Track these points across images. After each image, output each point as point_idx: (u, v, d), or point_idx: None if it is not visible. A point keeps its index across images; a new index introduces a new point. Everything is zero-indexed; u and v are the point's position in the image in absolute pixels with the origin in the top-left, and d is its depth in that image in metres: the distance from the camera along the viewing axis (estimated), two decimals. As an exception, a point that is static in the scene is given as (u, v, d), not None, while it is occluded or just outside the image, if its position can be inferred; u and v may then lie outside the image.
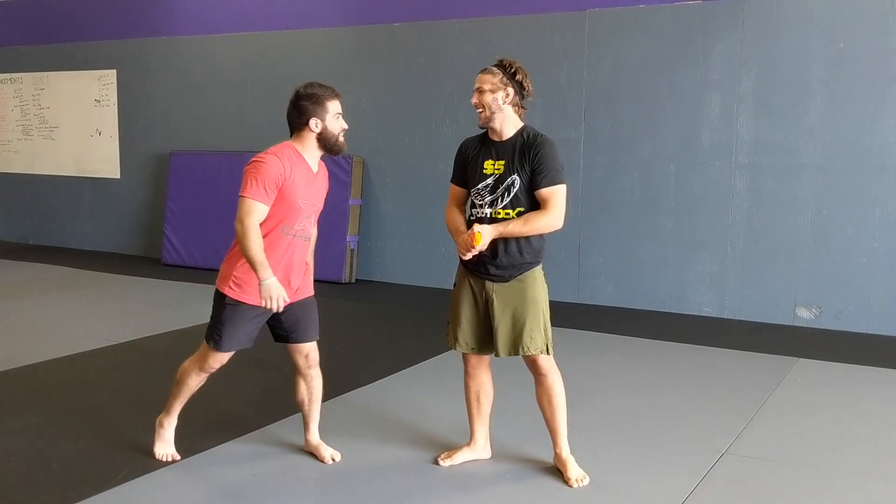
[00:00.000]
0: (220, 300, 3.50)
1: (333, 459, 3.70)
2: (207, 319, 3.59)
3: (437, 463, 3.66)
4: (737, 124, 6.44)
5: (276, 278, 3.36)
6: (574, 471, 3.50)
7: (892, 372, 5.14)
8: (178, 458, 3.67)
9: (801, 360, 5.37)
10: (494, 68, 3.46)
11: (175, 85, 9.14)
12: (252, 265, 3.35)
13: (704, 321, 6.48)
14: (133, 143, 9.50)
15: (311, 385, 3.71)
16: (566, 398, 3.56)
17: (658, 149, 6.74)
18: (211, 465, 3.67)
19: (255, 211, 3.37)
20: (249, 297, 3.43)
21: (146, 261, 9.18)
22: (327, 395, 4.15)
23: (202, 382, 3.67)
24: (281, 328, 3.58)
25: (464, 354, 3.62)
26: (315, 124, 3.45)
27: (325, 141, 3.48)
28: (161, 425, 3.71)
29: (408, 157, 7.83)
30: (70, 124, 9.96)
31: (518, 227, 3.33)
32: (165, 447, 3.70)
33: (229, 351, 3.53)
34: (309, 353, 3.65)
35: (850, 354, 5.52)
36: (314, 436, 3.78)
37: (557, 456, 3.57)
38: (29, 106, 10.28)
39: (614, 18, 6.83)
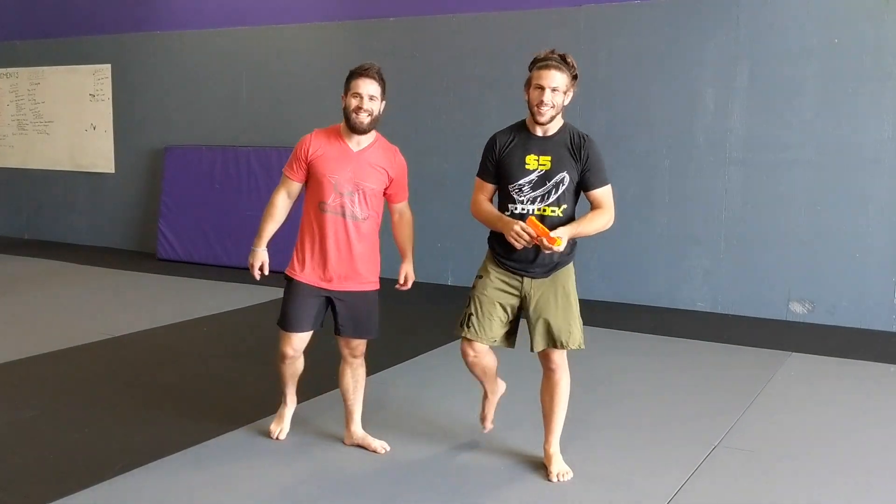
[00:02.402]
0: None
1: (385, 450, 3.73)
2: (203, 313, 3.62)
3: (485, 430, 3.82)
4: (731, 120, 6.46)
5: (263, 249, 3.64)
6: (557, 466, 3.50)
7: (884, 366, 5.17)
8: (283, 437, 3.84)
9: (793, 354, 5.40)
10: (564, 66, 3.30)
11: (170, 79, 9.13)
12: (258, 230, 3.65)
13: (698, 316, 6.50)
14: (128, 137, 9.49)
15: (357, 374, 3.75)
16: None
17: (652, 144, 6.75)
18: (205, 456, 3.68)
19: (282, 183, 3.65)
20: (300, 275, 3.58)
21: (141, 255, 9.17)
22: (325, 388, 4.16)
23: (296, 364, 3.77)
24: (336, 319, 3.65)
25: (468, 342, 3.49)
26: (342, 99, 3.55)
27: (345, 115, 3.54)
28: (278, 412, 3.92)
29: (403, 153, 7.76)
30: (65, 119, 9.94)
31: (587, 228, 3.32)
32: (275, 425, 3.88)
33: (290, 331, 3.61)
34: (357, 346, 3.71)
35: (842, 349, 5.54)
36: (358, 427, 3.80)
37: (545, 450, 3.57)
38: (24, 101, 10.27)
39: (609, 14, 6.85)
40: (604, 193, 3.39)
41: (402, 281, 3.74)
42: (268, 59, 8.44)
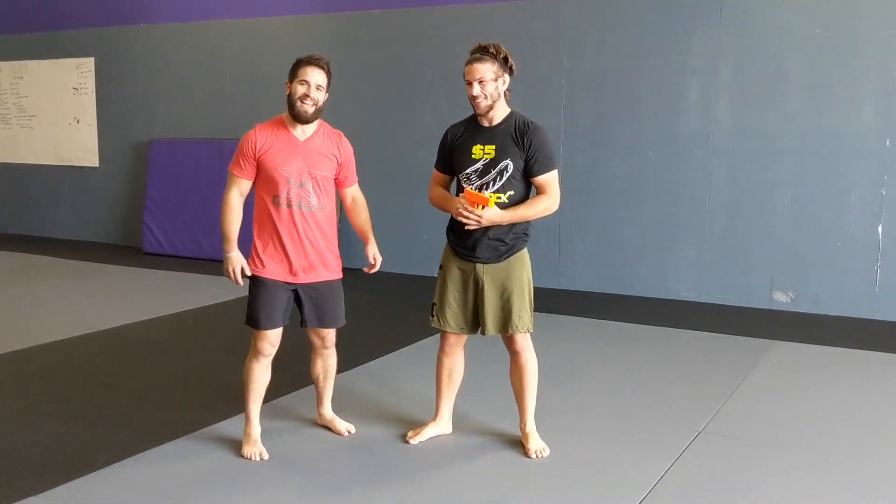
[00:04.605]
0: (250, 279, 3.58)
1: (349, 432, 3.80)
2: (189, 306, 3.61)
3: (405, 441, 3.73)
4: (715, 111, 6.49)
5: (237, 253, 3.54)
6: (534, 443, 3.61)
7: (867, 353, 5.22)
8: (266, 456, 3.55)
9: (777, 342, 5.44)
10: (487, 56, 3.38)
11: (154, 72, 9.09)
12: (222, 236, 3.56)
13: (683, 305, 6.54)
14: (112, 131, 9.44)
15: (327, 363, 3.81)
16: (545, 380, 3.65)
17: (637, 135, 6.78)
18: (191, 449, 3.68)
19: (232, 183, 3.55)
20: (264, 271, 3.52)
21: (126, 250, 9.14)
22: (309, 381, 4.15)
23: (267, 373, 3.62)
24: (302, 311, 3.60)
25: (442, 333, 3.68)
26: (286, 86, 3.50)
27: (289, 103, 3.47)
28: (244, 432, 3.64)
29: (388, 145, 7.83)
30: (48, 113, 9.88)
31: (526, 212, 3.42)
32: (251, 447, 3.58)
33: (263, 329, 3.51)
34: (326, 336, 3.71)
35: (825, 337, 5.59)
36: (327, 410, 3.89)
37: (521, 429, 3.67)
38: (7, 95, 10.20)
39: (594, 5, 6.86)
40: (547, 179, 3.44)
41: (371, 262, 3.72)
42: (252, 51, 8.41)
